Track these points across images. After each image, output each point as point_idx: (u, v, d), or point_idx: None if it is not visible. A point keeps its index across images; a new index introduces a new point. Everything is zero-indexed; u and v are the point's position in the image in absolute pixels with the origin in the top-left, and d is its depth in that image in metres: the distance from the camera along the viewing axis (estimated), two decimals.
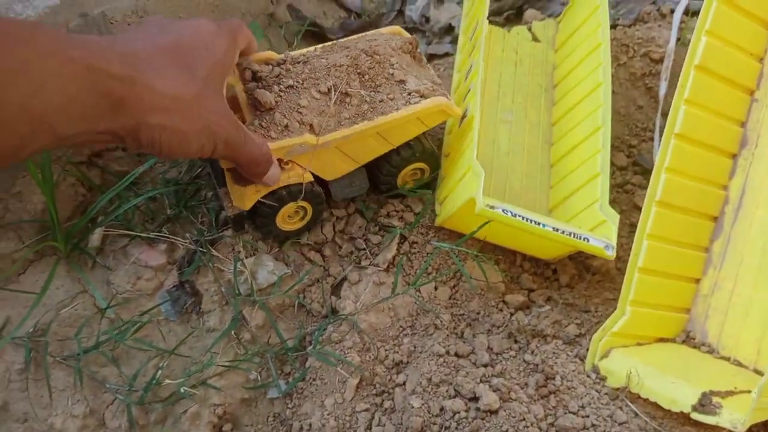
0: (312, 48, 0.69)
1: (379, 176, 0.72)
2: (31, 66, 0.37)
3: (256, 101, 0.62)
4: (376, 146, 0.68)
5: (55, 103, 0.38)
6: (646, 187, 0.83)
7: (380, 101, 0.65)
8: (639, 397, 0.61)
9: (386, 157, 0.70)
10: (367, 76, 0.66)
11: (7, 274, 0.65)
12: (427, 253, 0.72)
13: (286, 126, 0.61)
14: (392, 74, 0.67)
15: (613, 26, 0.96)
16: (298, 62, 0.66)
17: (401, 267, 0.71)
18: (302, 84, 0.64)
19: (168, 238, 0.69)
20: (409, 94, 0.66)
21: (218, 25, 0.54)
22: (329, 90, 0.63)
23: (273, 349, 0.67)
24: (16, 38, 0.36)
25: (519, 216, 0.64)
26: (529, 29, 0.94)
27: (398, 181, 0.73)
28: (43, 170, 0.62)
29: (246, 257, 0.69)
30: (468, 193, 0.65)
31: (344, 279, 0.72)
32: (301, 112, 0.62)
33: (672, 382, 0.60)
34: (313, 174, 0.66)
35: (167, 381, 0.64)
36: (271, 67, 0.65)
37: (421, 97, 0.66)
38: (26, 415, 0.62)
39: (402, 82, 0.67)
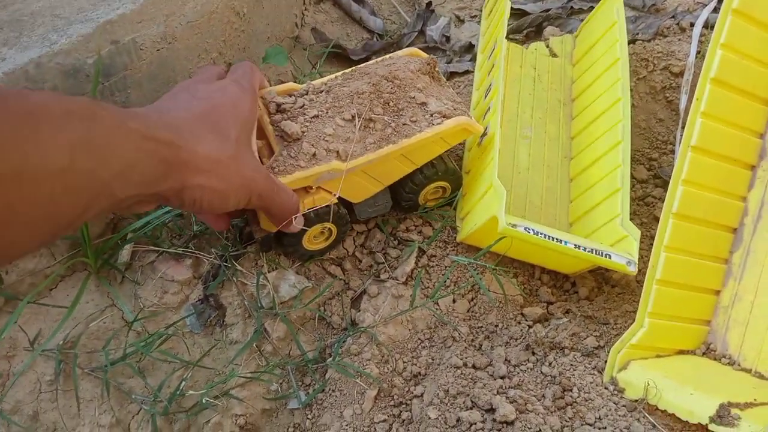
0: (332, 76, 0.71)
1: (401, 194, 0.74)
2: (97, 138, 0.41)
3: (284, 133, 0.64)
4: (401, 167, 0.70)
5: (116, 170, 0.42)
6: None
7: (403, 124, 0.67)
8: (657, 408, 0.61)
9: (409, 177, 0.72)
10: (389, 101, 0.67)
11: (39, 288, 0.68)
12: (446, 267, 0.73)
13: (314, 155, 0.63)
14: (414, 97, 0.68)
15: (633, 41, 0.96)
16: (321, 92, 0.68)
17: (420, 280, 0.72)
18: (326, 113, 0.66)
19: (194, 253, 0.72)
20: (432, 115, 0.68)
21: (240, 85, 0.58)
22: (353, 117, 0.65)
23: (294, 361, 0.69)
24: (83, 115, 0.41)
25: (541, 234, 0.65)
26: (547, 45, 0.95)
27: (420, 199, 0.75)
28: None
29: (269, 271, 0.71)
30: (490, 211, 0.66)
31: (364, 292, 0.73)
32: (327, 140, 0.64)
33: (690, 393, 0.59)
34: (340, 199, 0.68)
35: (191, 392, 0.66)
36: (294, 98, 0.67)
37: (443, 117, 0.67)
38: (55, 425, 0.64)
39: (424, 104, 0.68)
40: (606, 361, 0.66)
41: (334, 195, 0.66)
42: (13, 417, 0.63)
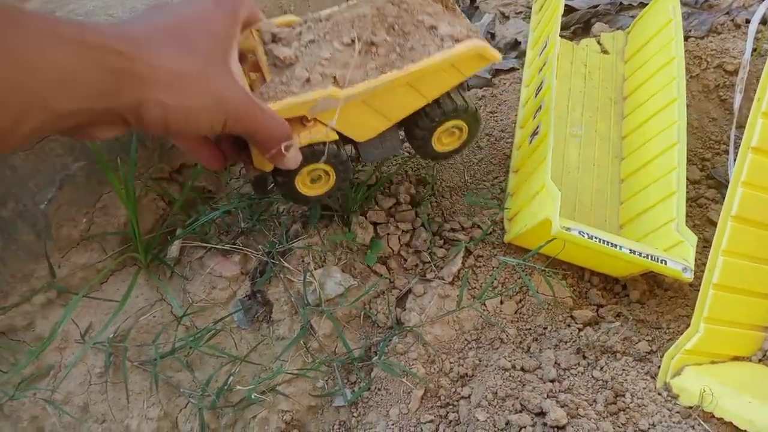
0: (336, 7, 0.63)
1: (412, 141, 0.67)
2: (23, 45, 0.38)
3: (276, 58, 0.57)
4: (408, 100, 0.62)
5: (49, 80, 0.39)
6: (720, 202, 0.81)
7: (410, 49, 0.59)
8: (713, 416, 0.59)
9: (414, 119, 0.64)
10: (394, 25, 0.60)
11: (91, 283, 0.69)
12: (493, 267, 0.72)
13: (308, 80, 0.56)
14: (422, 21, 0.61)
15: (686, 38, 0.94)
16: (321, 20, 0.61)
17: (466, 280, 0.71)
18: (324, 37, 0.59)
19: (241, 249, 0.72)
20: (442, 39, 0.60)
21: (216, 2, 0.52)
22: (353, 41, 0.58)
23: (339, 359, 0.68)
24: (4, 21, 0.38)
25: (596, 238, 0.63)
26: (598, 41, 0.93)
27: (434, 143, 0.67)
28: (127, 186, 0.66)
29: (315, 269, 0.71)
30: (542, 212, 0.65)
31: (409, 291, 0.72)
32: (323, 65, 0.57)
33: (749, 402, 0.57)
34: (340, 135, 0.61)
35: (238, 387, 0.66)
36: (292, 28, 0.61)
37: (456, 41, 0.60)
38: (104, 416, 0.65)
39: (433, 27, 0.60)
40: (659, 367, 0.64)
41: (329, 126, 0.59)
42: (64, 407, 0.64)
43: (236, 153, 0.60)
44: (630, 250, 0.63)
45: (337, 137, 0.60)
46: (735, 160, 0.81)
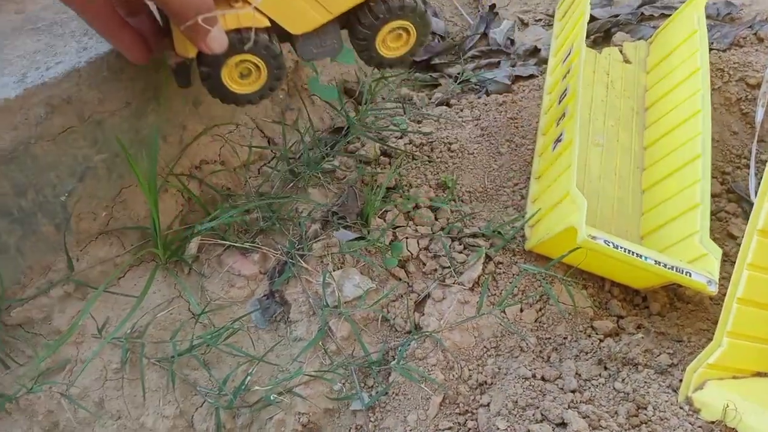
0: None
1: (354, 42, 0.61)
2: None
3: None
4: None
5: None
6: (740, 216, 0.81)
7: None
8: None
9: (357, 16, 0.58)
10: None
11: (109, 278, 0.68)
12: (513, 275, 0.72)
13: None
14: None
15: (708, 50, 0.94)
16: None
17: (487, 287, 0.70)
18: None
19: (260, 248, 0.71)
20: None
21: None
22: None
23: (357, 362, 0.68)
24: None
25: (621, 248, 0.63)
26: (621, 51, 0.93)
27: (378, 46, 0.60)
28: (149, 181, 0.65)
29: (333, 270, 0.70)
30: (566, 221, 0.64)
31: (428, 296, 0.72)
32: None
33: None
34: (275, 27, 0.55)
35: (256, 387, 0.65)
36: None
37: None
38: (120, 413, 0.65)
39: None
40: (681, 380, 0.63)
41: (255, 3, 0.52)
42: (79, 402, 0.63)
43: (159, 39, 0.55)
44: (655, 261, 0.63)
45: (267, 23, 0.54)
46: (756, 174, 0.81)
